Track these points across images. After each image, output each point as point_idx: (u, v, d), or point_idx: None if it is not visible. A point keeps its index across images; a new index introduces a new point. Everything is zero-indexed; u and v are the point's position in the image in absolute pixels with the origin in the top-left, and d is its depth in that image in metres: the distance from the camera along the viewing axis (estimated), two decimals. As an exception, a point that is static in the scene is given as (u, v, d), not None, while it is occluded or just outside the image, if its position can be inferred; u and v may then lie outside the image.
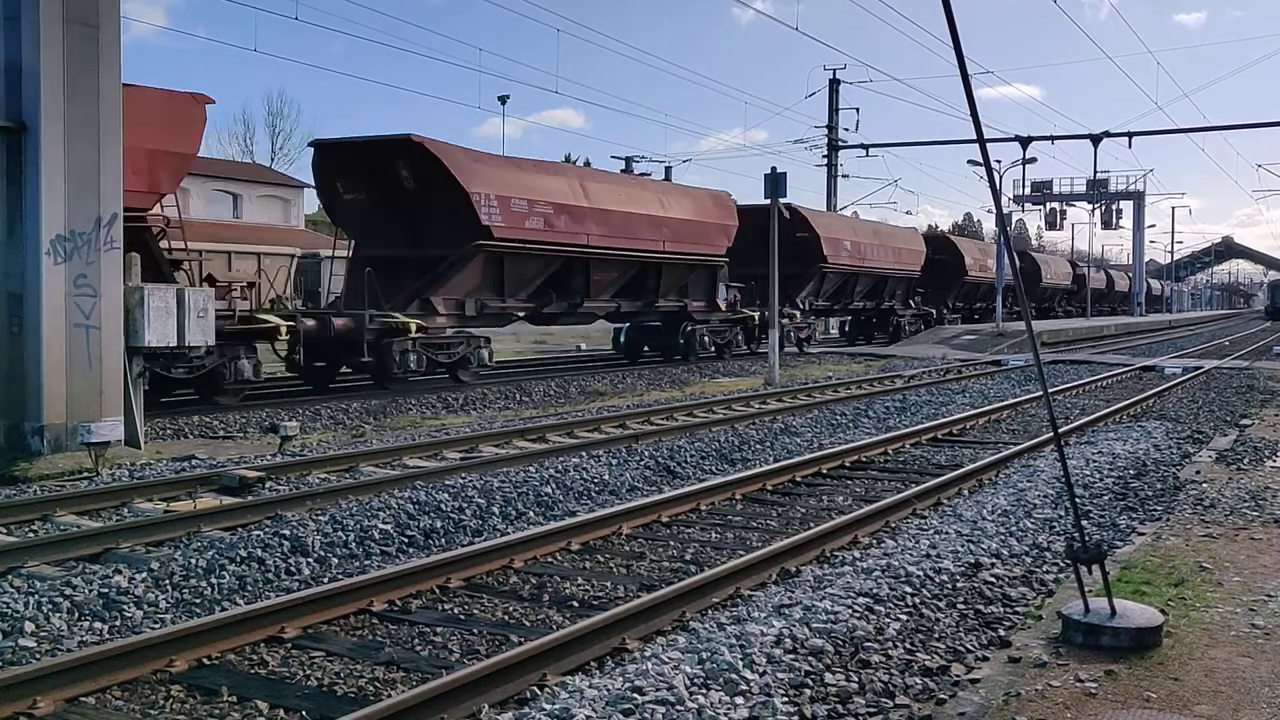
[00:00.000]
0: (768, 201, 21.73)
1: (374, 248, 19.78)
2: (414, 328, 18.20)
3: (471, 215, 19.10)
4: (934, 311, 41.51)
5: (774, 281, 21.84)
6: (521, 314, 22.00)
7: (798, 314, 30.62)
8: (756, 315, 27.81)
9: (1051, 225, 62.27)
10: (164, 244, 15.04)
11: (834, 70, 45.58)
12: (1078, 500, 6.56)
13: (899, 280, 37.74)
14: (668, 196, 25.45)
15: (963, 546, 6.98)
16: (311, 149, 20.13)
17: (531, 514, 8.65)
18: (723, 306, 27.33)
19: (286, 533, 7.28)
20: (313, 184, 21.16)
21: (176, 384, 15.66)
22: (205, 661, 5.16)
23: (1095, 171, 59.16)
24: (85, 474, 10.05)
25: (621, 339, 27.51)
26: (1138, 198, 68.45)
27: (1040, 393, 7.58)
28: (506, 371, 21.22)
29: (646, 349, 27.32)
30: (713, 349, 27.30)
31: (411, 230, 19.74)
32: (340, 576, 6.73)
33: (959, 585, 6.11)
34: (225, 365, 15.57)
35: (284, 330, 16.40)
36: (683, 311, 26.02)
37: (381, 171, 19.57)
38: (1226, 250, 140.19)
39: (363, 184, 19.79)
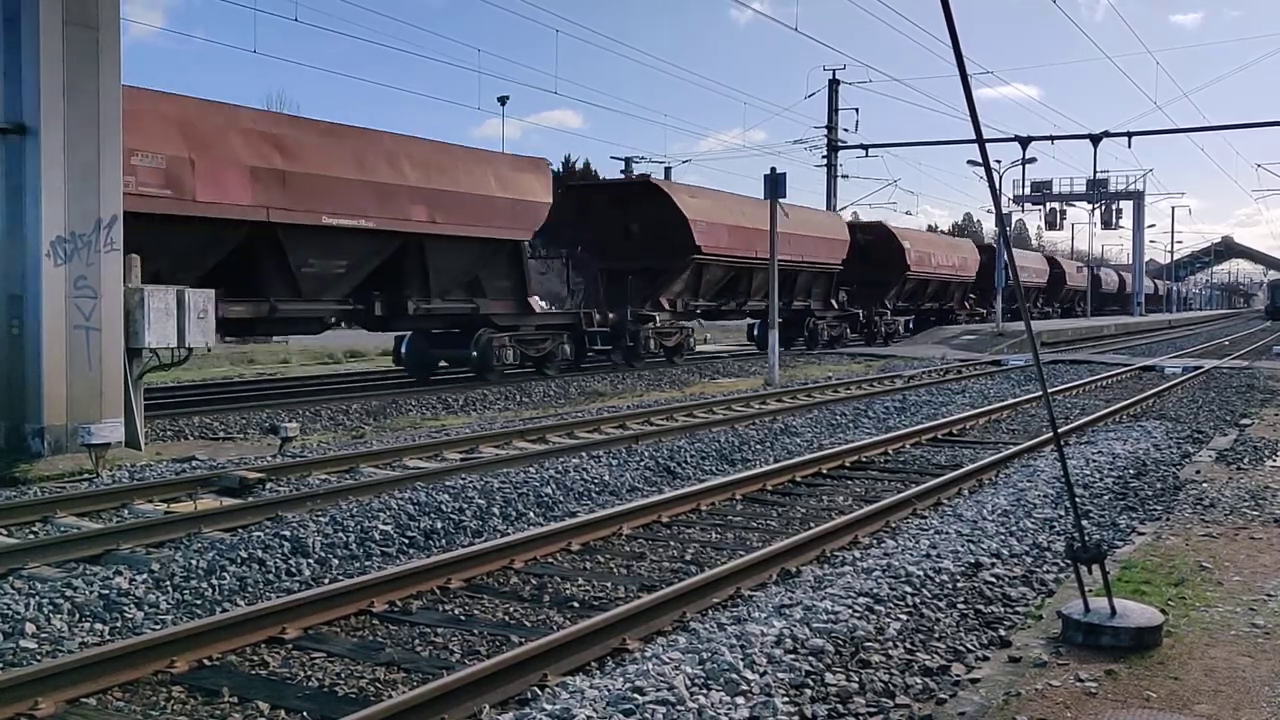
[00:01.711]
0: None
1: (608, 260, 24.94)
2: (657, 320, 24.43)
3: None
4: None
5: (774, 282, 21.86)
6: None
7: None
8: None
9: (1051, 225, 62.43)
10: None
11: (833, 70, 45.62)
12: (1078, 500, 6.56)
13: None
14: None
15: (963, 546, 6.98)
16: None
17: (532, 515, 8.66)
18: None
19: (287, 534, 7.28)
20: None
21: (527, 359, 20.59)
22: (206, 662, 5.16)
23: (1095, 171, 59.37)
24: (85, 475, 10.06)
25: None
26: (1137, 197, 68.55)
27: (1040, 393, 7.59)
28: (507, 372, 21.20)
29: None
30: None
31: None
32: (341, 577, 6.73)
33: (959, 585, 6.12)
34: (555, 348, 21.33)
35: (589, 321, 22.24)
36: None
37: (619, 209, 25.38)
38: (1226, 250, 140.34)
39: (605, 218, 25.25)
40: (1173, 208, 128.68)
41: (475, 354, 19.91)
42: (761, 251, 23.75)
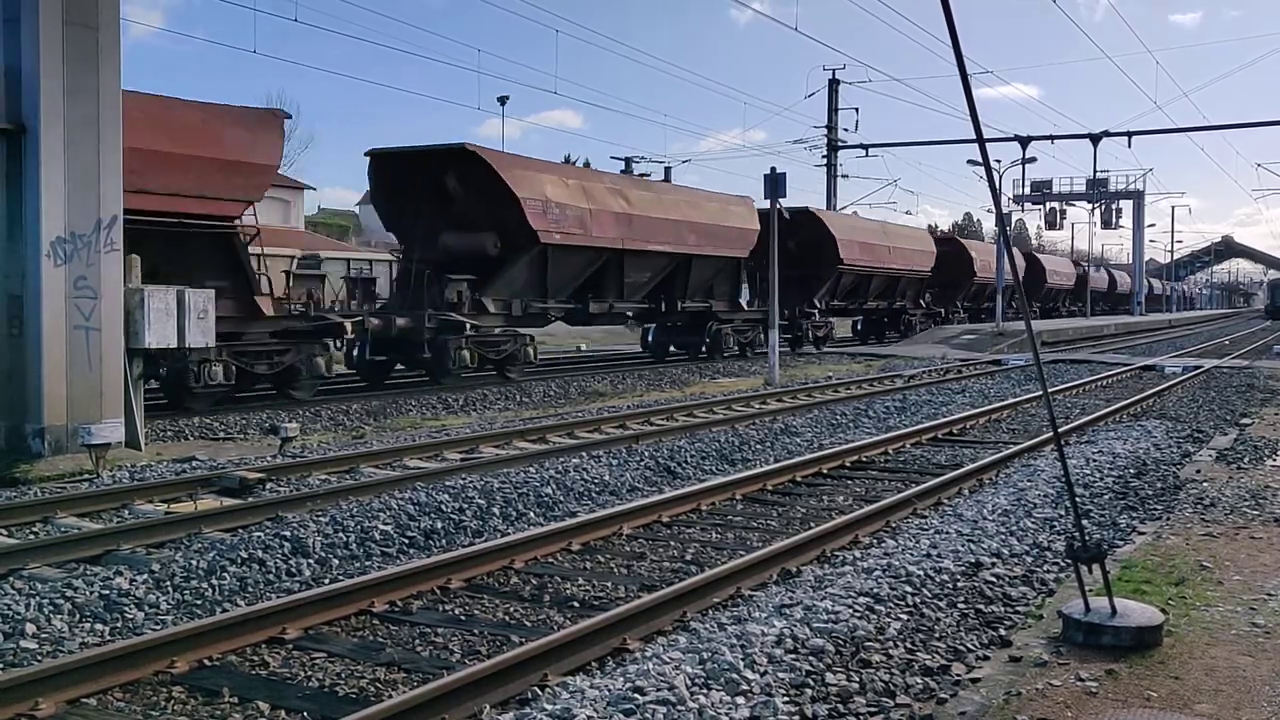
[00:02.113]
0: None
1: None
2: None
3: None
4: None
5: (774, 281, 21.84)
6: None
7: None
8: None
9: (1051, 225, 62.32)
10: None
11: (833, 70, 45.61)
12: (1078, 499, 6.56)
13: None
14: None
15: (963, 546, 6.98)
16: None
17: (532, 514, 8.65)
18: None
19: (287, 534, 7.28)
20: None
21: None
22: (206, 663, 5.16)
23: (1095, 171, 59.24)
24: (86, 476, 10.05)
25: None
26: (1137, 197, 68.48)
27: (1040, 392, 7.59)
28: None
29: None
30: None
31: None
32: (341, 577, 6.73)
33: (960, 585, 6.12)
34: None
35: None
36: None
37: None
38: (1226, 249, 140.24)
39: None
40: (1173, 207, 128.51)
41: (708, 340, 27.00)
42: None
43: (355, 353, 19.38)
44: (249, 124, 15.94)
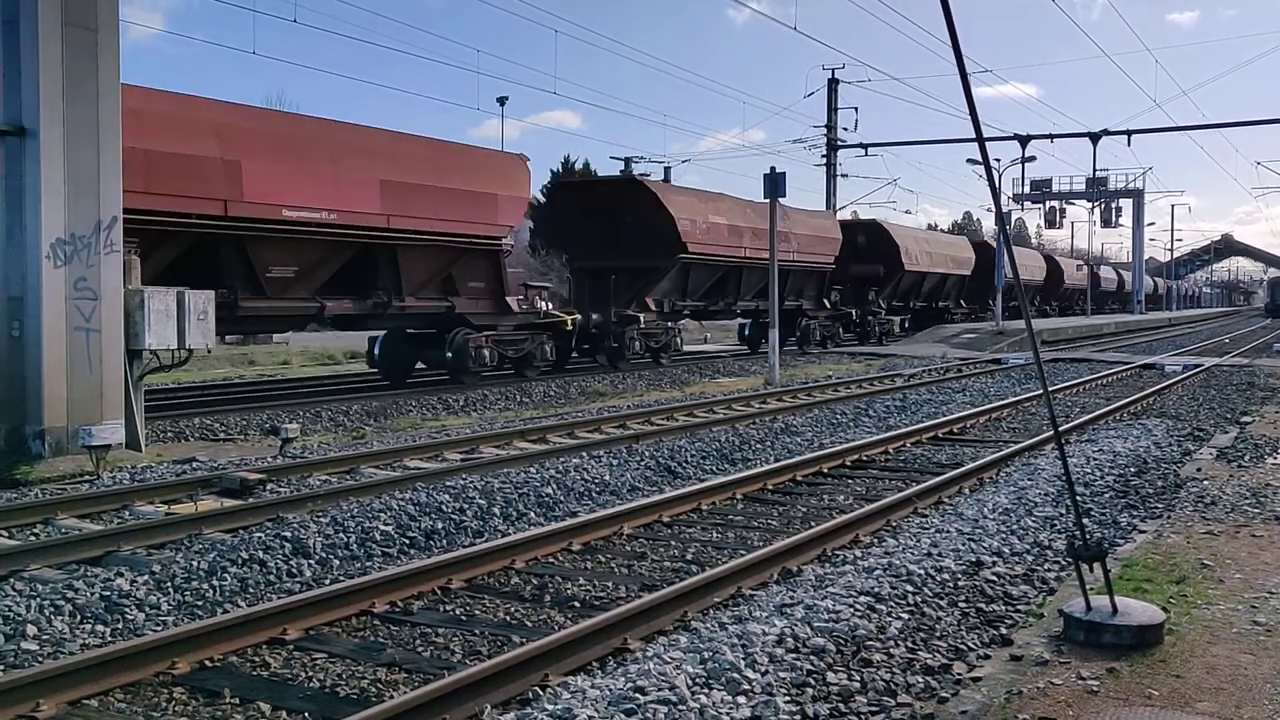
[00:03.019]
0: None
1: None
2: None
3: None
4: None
5: (774, 281, 21.86)
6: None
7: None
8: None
9: (1051, 224, 62.40)
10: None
11: (832, 70, 45.57)
12: (1079, 498, 6.57)
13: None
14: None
15: (964, 545, 6.98)
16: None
17: (533, 515, 8.65)
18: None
19: (288, 534, 7.28)
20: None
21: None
22: (207, 663, 5.16)
23: (1094, 170, 59.30)
24: (86, 477, 10.06)
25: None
26: (1137, 195, 68.54)
27: (1040, 391, 7.59)
28: (507, 372, 21.20)
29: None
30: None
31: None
32: (342, 578, 6.73)
33: (960, 584, 6.11)
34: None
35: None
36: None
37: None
38: (1226, 248, 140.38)
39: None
40: (1172, 206, 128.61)
41: (798, 334, 31.50)
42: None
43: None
44: (507, 165, 20.56)
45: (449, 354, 19.11)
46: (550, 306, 22.29)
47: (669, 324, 25.74)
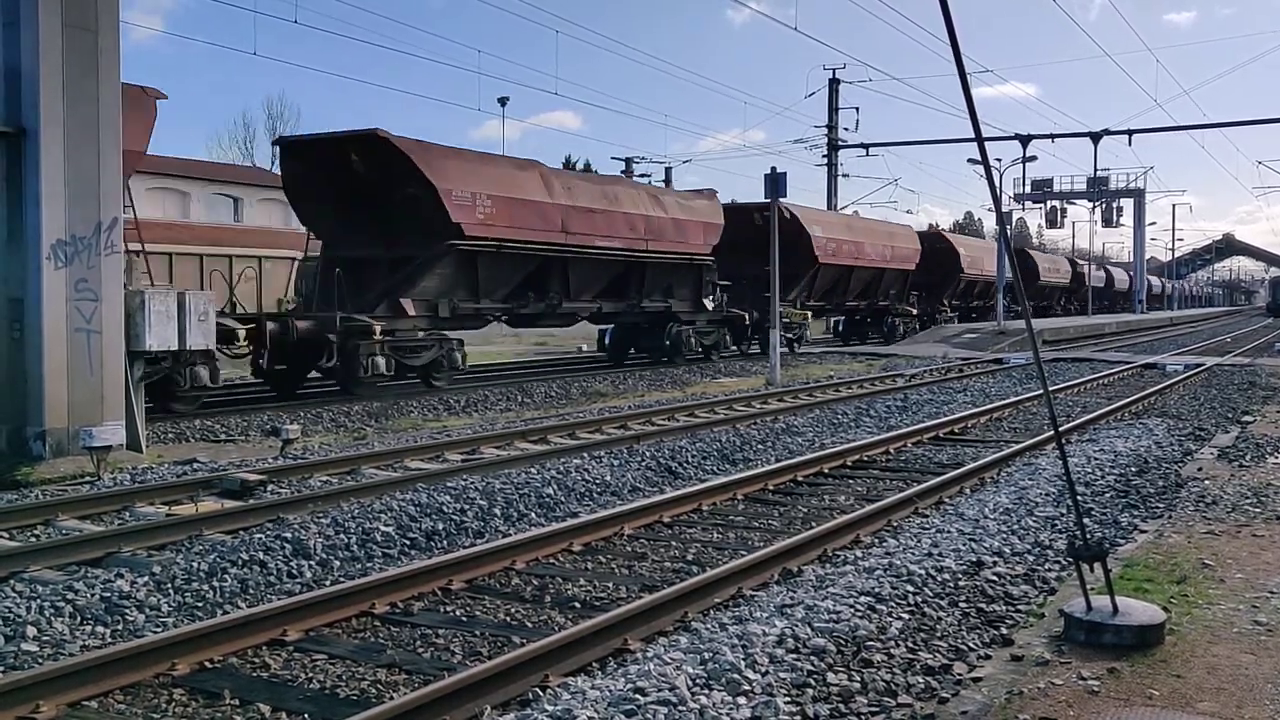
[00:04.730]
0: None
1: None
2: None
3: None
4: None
5: (775, 281, 21.86)
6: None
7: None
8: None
9: (1052, 223, 62.32)
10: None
11: (833, 70, 45.65)
12: (1079, 498, 6.56)
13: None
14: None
15: (965, 545, 6.97)
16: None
17: (533, 515, 8.65)
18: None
19: (288, 535, 7.28)
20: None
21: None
22: (207, 665, 5.16)
23: (1095, 169, 59.20)
24: (87, 478, 10.06)
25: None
26: (1138, 195, 68.46)
27: (1041, 391, 7.58)
28: (508, 373, 21.19)
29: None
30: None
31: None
32: (342, 579, 6.73)
33: (961, 584, 6.11)
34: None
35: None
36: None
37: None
38: (1227, 247, 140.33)
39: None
40: (1173, 205, 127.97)
41: (885, 329, 37.74)
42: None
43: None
44: (704, 199, 26.79)
45: (667, 342, 25.15)
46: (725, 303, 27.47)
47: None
